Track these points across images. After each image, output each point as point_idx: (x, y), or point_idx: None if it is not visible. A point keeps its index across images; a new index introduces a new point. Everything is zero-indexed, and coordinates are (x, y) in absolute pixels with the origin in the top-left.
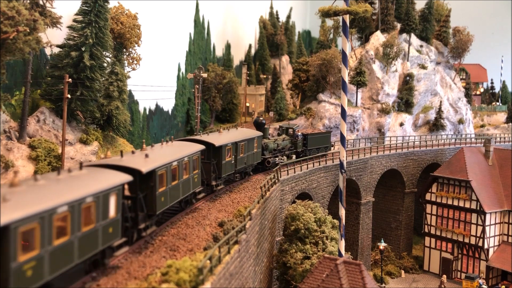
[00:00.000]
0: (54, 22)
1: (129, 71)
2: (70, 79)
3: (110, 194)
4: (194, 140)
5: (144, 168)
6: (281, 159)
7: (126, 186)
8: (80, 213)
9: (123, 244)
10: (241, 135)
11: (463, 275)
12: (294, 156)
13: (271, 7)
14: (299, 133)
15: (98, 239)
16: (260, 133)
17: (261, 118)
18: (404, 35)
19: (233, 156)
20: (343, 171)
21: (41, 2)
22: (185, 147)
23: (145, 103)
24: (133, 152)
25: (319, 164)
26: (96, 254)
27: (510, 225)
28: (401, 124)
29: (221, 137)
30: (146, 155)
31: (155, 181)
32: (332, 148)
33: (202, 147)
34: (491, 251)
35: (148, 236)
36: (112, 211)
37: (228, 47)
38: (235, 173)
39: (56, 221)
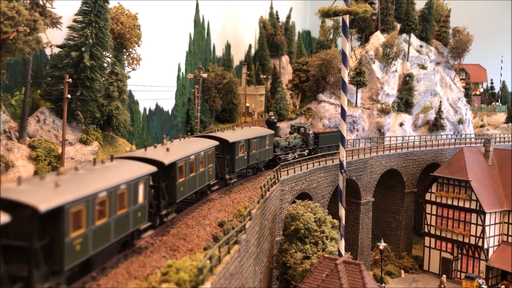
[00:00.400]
0: (54, 22)
1: (129, 71)
2: (70, 79)
3: (139, 182)
4: (209, 136)
5: (166, 160)
6: (292, 156)
7: (149, 176)
8: (116, 198)
9: (148, 228)
10: (253, 133)
11: (463, 275)
12: (305, 153)
13: (271, 7)
14: (311, 132)
15: (129, 222)
16: (272, 132)
17: (272, 117)
18: (404, 35)
19: (245, 152)
20: (343, 171)
21: (41, 2)
22: (201, 143)
23: (145, 103)
24: (155, 146)
25: (319, 164)
26: (127, 235)
27: (510, 225)
28: (401, 124)
29: (235, 134)
30: (167, 149)
31: (175, 172)
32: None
33: (216, 142)
34: (490, 251)
35: (169, 221)
36: (140, 198)
37: (228, 47)
38: (248, 168)
39: (97, 204)
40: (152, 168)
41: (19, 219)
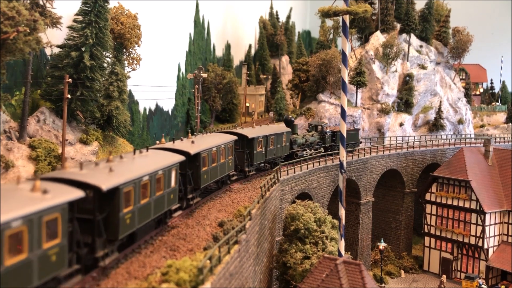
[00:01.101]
0: (54, 22)
1: (129, 71)
2: (70, 79)
3: (172, 169)
4: (230, 132)
5: (192, 151)
6: (309, 152)
7: (179, 164)
8: (155, 182)
9: (178, 209)
10: (271, 130)
11: (463, 275)
12: (322, 150)
13: (271, 7)
14: (328, 130)
15: (164, 202)
16: (288, 129)
17: (290, 116)
18: (404, 35)
19: (263, 148)
20: (343, 171)
21: (41, 2)
22: (222, 137)
23: (145, 103)
24: (181, 139)
25: (319, 164)
26: (162, 214)
27: (509, 225)
28: (401, 124)
29: (254, 130)
30: (192, 142)
31: (199, 162)
32: (360, 144)
33: (235, 137)
34: (490, 251)
35: (194, 204)
36: (173, 182)
37: (228, 47)
38: (265, 162)
39: (142, 186)
40: (181, 157)
41: (94, 199)
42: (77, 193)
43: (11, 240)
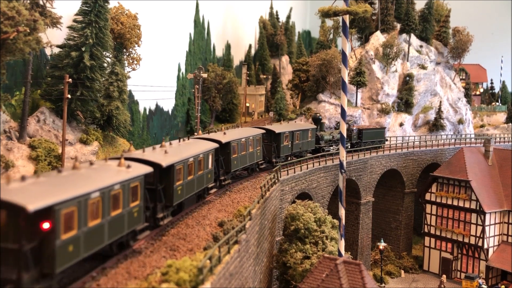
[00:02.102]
0: (54, 22)
1: (129, 71)
2: (70, 79)
3: (209, 153)
4: (259, 127)
5: (224, 139)
6: (335, 148)
7: (214, 151)
8: (198, 163)
9: (214, 187)
10: (297, 126)
11: (463, 275)
12: (348, 146)
13: (271, 7)
14: (354, 128)
15: (204, 180)
16: (314, 126)
17: (318, 114)
18: (404, 35)
19: (290, 142)
20: (343, 171)
21: (41, 2)
22: (251, 131)
23: (145, 103)
24: (216, 131)
25: (319, 164)
26: (201, 190)
27: (509, 225)
28: (401, 124)
29: (281, 126)
30: (224, 133)
31: (230, 149)
32: (386, 142)
33: (263, 131)
34: (490, 251)
35: (226, 185)
36: (210, 164)
37: (228, 47)
38: (291, 154)
39: (188, 166)
40: (216, 145)
41: (153, 174)
42: (149, 168)
43: (113, 199)
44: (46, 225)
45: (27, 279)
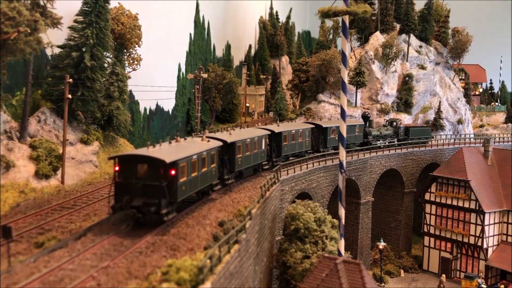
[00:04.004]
0: (55, 22)
1: (129, 72)
2: (71, 80)
3: (263, 138)
4: (310, 122)
5: (277, 130)
6: (382, 143)
7: (267, 136)
8: (255, 143)
9: (266, 164)
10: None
11: (462, 275)
12: (395, 141)
13: (271, 8)
14: (401, 126)
15: (258, 157)
16: (361, 122)
17: (366, 112)
18: (404, 36)
19: (336, 135)
20: (342, 171)
21: (42, 3)
22: (302, 125)
23: (146, 103)
24: (271, 124)
25: (319, 164)
26: (257, 164)
27: (509, 225)
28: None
29: (329, 122)
30: (278, 125)
31: (281, 138)
32: (432, 140)
33: (312, 126)
34: (490, 250)
35: (275, 165)
36: (263, 146)
37: (228, 47)
38: (338, 146)
39: (246, 145)
40: (268, 132)
41: (221, 148)
42: (220, 143)
43: (202, 161)
44: (173, 172)
45: (163, 202)
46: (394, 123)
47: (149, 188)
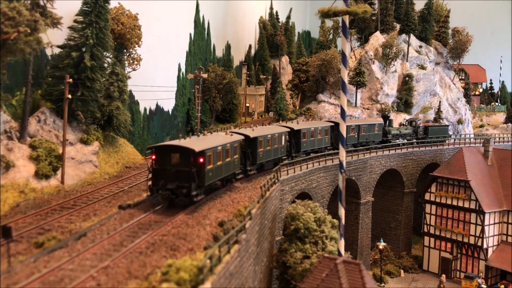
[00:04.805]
0: (55, 22)
1: (129, 72)
2: (70, 80)
3: (283, 134)
4: (330, 121)
5: (296, 127)
6: (402, 141)
7: (287, 133)
8: (275, 139)
9: (285, 158)
10: (364, 121)
11: (462, 275)
12: (414, 140)
13: (271, 8)
14: (421, 125)
15: (278, 151)
16: (381, 121)
17: (386, 112)
18: (404, 36)
19: (356, 133)
20: (342, 171)
21: (41, 3)
22: (323, 123)
23: (146, 103)
24: (292, 122)
25: (319, 164)
26: (277, 158)
27: (509, 225)
28: (401, 125)
29: (350, 121)
30: (297, 122)
31: (300, 134)
32: (449, 138)
33: (331, 124)
34: (490, 250)
35: (295, 157)
36: (283, 142)
37: (228, 47)
38: (358, 144)
39: (267, 140)
40: (288, 129)
41: (243, 142)
42: (242, 137)
43: (226, 151)
44: (201, 160)
45: (193, 186)
46: (414, 123)
47: (181, 174)
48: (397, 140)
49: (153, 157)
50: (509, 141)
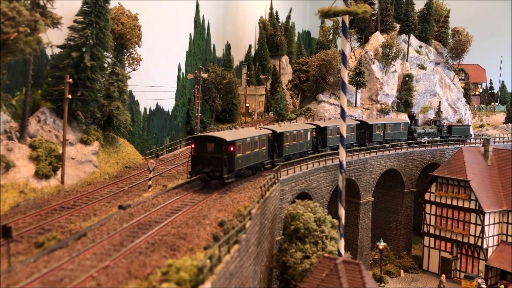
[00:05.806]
0: (55, 22)
1: (129, 72)
2: (70, 80)
3: (309, 131)
4: (357, 119)
5: (322, 125)
6: (426, 139)
7: (313, 130)
8: (301, 134)
9: (311, 152)
10: (390, 120)
11: (462, 275)
12: (438, 138)
13: (271, 8)
14: (445, 124)
15: (304, 146)
16: (406, 121)
17: (412, 112)
18: (404, 36)
19: (382, 131)
20: (342, 171)
21: (41, 3)
22: (352, 122)
23: (146, 103)
24: (318, 119)
25: (319, 164)
26: (303, 152)
27: (509, 225)
28: None
29: (375, 120)
30: (324, 121)
31: (326, 131)
32: (470, 137)
33: (357, 122)
34: (490, 250)
35: (320, 151)
36: (308, 137)
37: (228, 47)
38: (384, 141)
39: (293, 135)
40: (314, 127)
41: (271, 136)
42: (270, 131)
43: (254, 143)
44: (232, 148)
45: (225, 170)
46: (438, 122)
47: (215, 160)
48: (423, 139)
49: (193, 146)
50: (509, 141)
